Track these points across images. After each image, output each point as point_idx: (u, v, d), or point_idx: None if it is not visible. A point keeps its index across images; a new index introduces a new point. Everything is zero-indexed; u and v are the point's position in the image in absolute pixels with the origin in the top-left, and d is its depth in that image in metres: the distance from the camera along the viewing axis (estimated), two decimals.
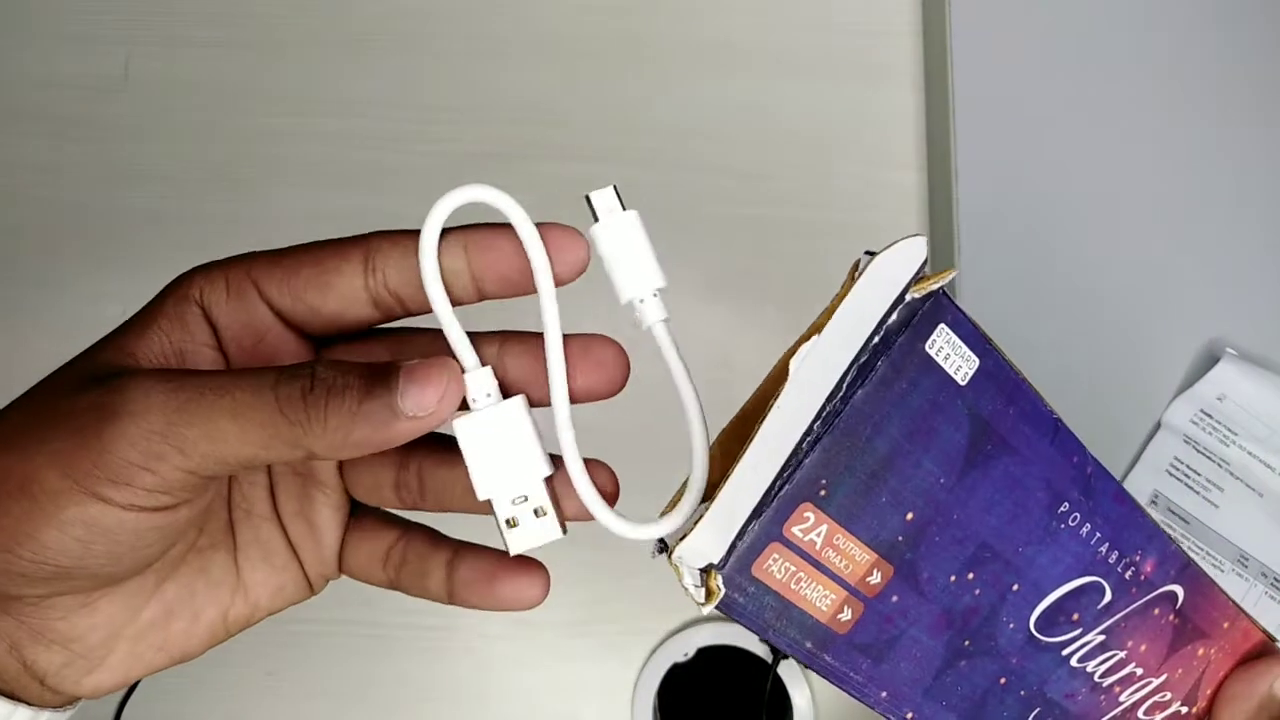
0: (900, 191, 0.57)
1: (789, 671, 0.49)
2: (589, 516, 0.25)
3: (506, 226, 0.24)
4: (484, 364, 0.25)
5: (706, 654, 0.50)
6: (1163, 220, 0.56)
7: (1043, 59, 0.58)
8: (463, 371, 0.24)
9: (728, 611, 0.24)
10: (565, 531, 0.25)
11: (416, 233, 0.24)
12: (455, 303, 0.24)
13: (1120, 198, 0.57)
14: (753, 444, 0.22)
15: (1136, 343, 0.55)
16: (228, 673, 0.50)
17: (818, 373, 0.23)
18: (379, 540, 0.28)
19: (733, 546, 0.23)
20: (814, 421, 0.23)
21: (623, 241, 0.24)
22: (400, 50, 0.57)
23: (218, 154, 0.55)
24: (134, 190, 0.55)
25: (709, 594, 0.23)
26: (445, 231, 0.24)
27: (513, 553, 0.25)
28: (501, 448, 0.24)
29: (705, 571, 0.23)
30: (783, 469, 0.23)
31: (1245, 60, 0.58)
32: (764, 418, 0.22)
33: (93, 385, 0.23)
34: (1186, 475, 0.53)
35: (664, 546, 0.24)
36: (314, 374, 0.22)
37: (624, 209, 0.24)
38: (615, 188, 0.24)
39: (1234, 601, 0.32)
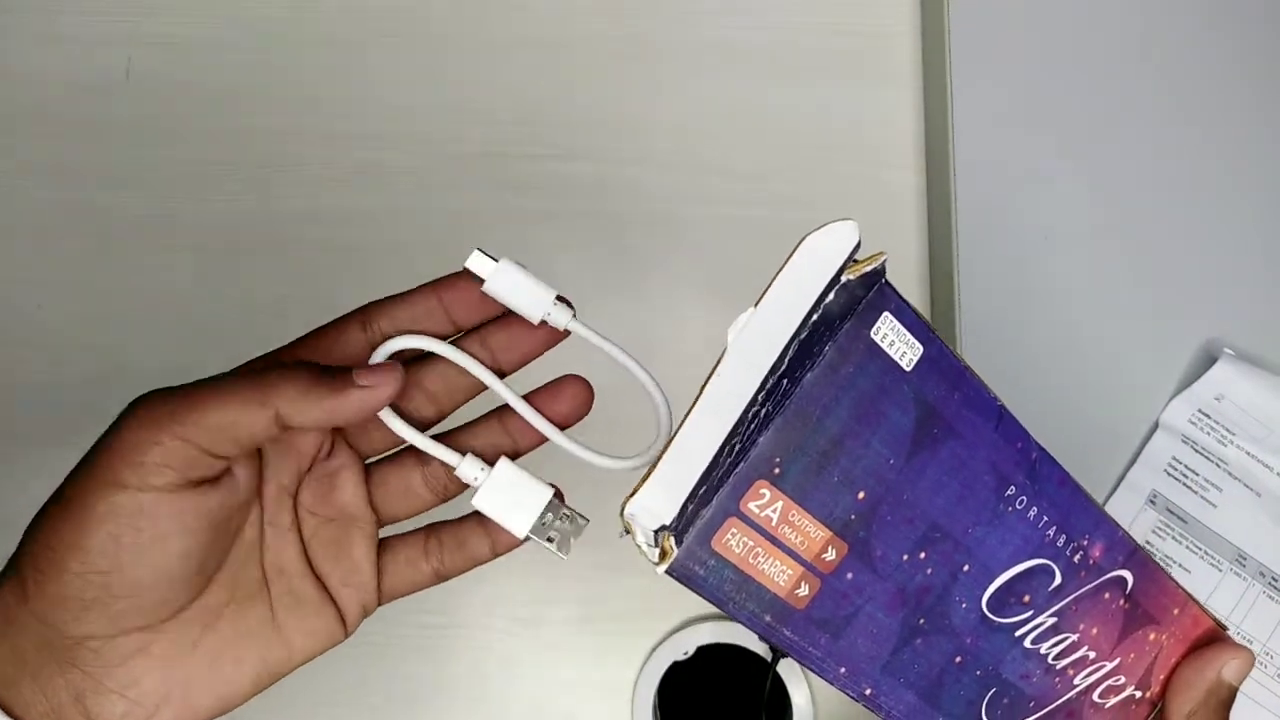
0: (899, 191, 0.57)
1: (788, 670, 0.50)
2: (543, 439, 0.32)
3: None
4: (464, 453, 0.31)
5: (706, 653, 0.50)
6: (1161, 220, 0.56)
7: (1042, 59, 0.58)
8: (451, 466, 0.31)
9: (688, 584, 0.25)
10: (587, 520, 0.32)
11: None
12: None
13: (1119, 197, 0.57)
14: (695, 407, 0.24)
15: (1134, 342, 0.55)
16: None
17: (757, 344, 0.24)
18: (411, 546, 0.33)
19: (684, 508, 0.24)
20: (758, 392, 0.24)
21: (510, 284, 0.30)
22: (400, 50, 0.57)
23: (218, 154, 0.55)
24: (134, 190, 0.55)
25: (663, 554, 0.24)
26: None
27: (564, 558, 0.32)
28: (512, 497, 0.31)
29: (659, 533, 0.24)
30: (730, 435, 0.24)
31: (1246, 58, 0.58)
32: (705, 383, 0.24)
33: None
34: (1184, 475, 0.53)
35: (628, 530, 0.25)
36: (278, 363, 0.29)
37: (496, 260, 0.30)
38: (479, 249, 0.30)
39: (1183, 589, 0.33)
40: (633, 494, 0.23)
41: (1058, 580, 0.30)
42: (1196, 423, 0.54)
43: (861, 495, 0.26)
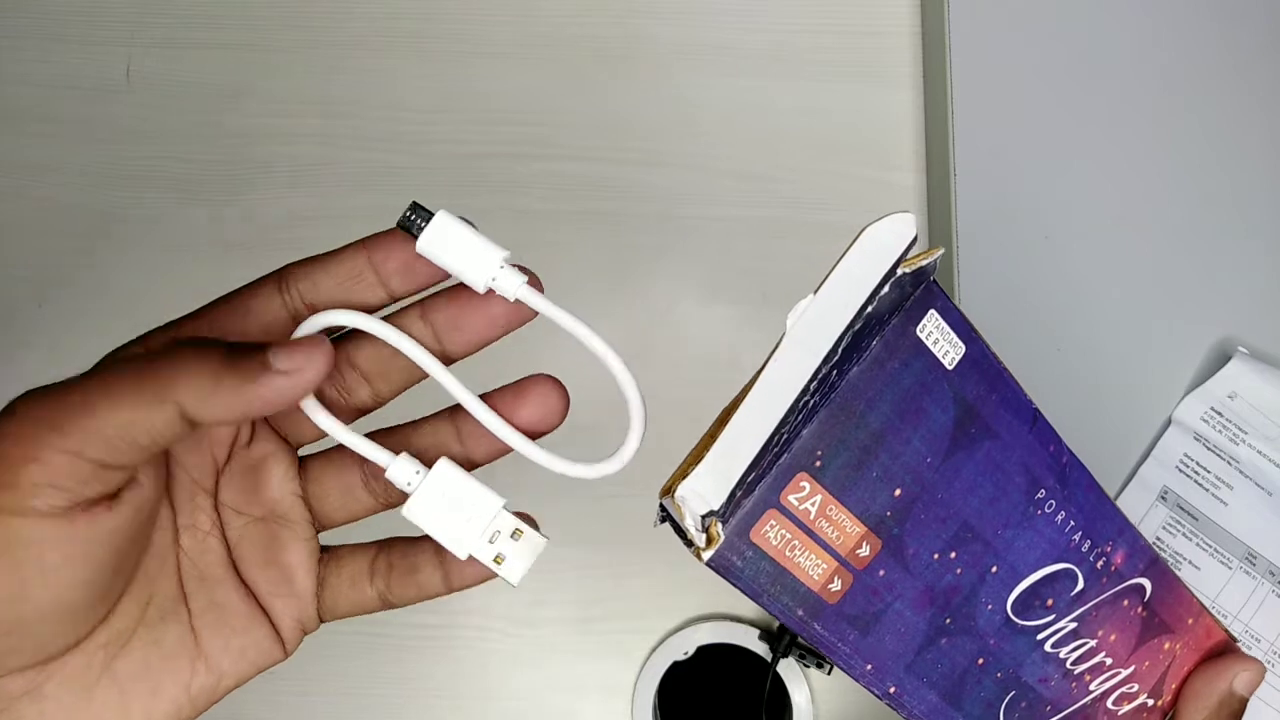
0: (899, 192, 0.57)
1: (788, 670, 0.49)
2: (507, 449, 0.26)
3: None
4: (397, 453, 0.26)
5: (706, 652, 0.50)
6: (1171, 218, 0.56)
7: (1042, 59, 0.58)
8: (382, 470, 0.26)
9: (725, 575, 0.25)
10: (547, 537, 0.26)
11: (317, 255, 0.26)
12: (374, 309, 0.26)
13: (1126, 196, 0.57)
14: (753, 391, 0.23)
15: (1147, 340, 0.55)
16: None
17: (815, 331, 0.24)
18: (358, 560, 0.28)
19: (732, 494, 0.23)
20: (810, 380, 0.24)
21: (449, 241, 0.25)
22: (400, 51, 0.57)
23: (218, 154, 0.55)
24: (134, 191, 0.55)
25: (710, 540, 0.24)
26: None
27: (515, 584, 0.26)
28: (453, 506, 0.26)
29: (706, 518, 0.24)
30: (782, 422, 0.23)
31: (1254, 53, 0.58)
32: (764, 367, 0.23)
33: None
34: (1196, 472, 0.53)
35: (665, 515, 0.25)
36: (177, 344, 0.22)
37: (431, 214, 0.25)
38: (414, 202, 0.25)
39: (1198, 599, 0.33)
40: (682, 476, 0.23)
41: (1080, 585, 0.30)
42: (1209, 420, 0.53)
43: (898, 492, 0.26)
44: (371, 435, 0.27)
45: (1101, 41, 0.58)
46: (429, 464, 0.26)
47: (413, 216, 0.25)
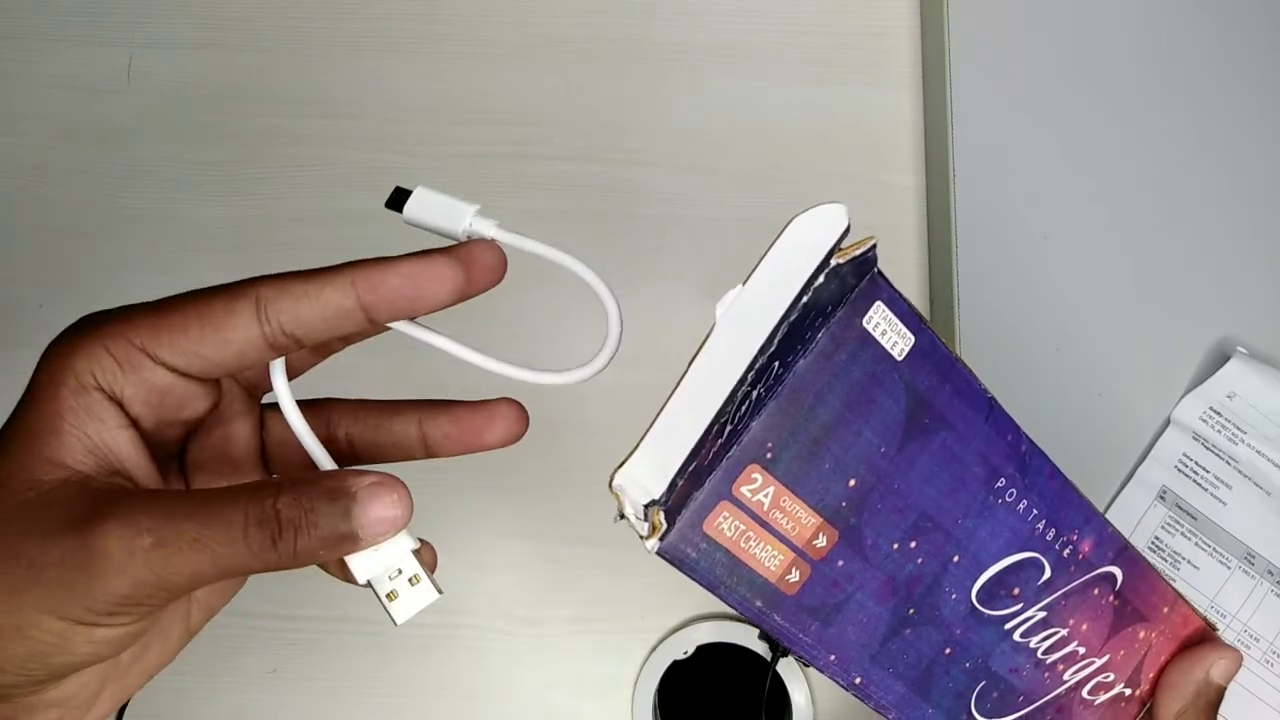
0: (898, 192, 0.57)
1: (788, 669, 0.49)
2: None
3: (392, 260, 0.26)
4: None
5: (706, 652, 0.50)
6: (1169, 218, 0.56)
7: (1041, 59, 0.58)
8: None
9: (680, 566, 0.25)
10: (441, 592, 0.27)
11: (298, 274, 0.25)
12: (349, 340, 0.28)
13: (1126, 196, 0.57)
14: (683, 381, 0.24)
15: (1145, 340, 0.55)
16: (231, 671, 0.50)
17: (746, 321, 0.24)
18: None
19: (673, 484, 0.24)
20: (747, 370, 0.24)
21: (430, 206, 0.27)
22: (400, 52, 0.57)
23: (219, 155, 0.55)
24: (135, 191, 0.55)
25: (653, 528, 0.24)
26: (333, 269, 0.26)
27: (398, 623, 0.27)
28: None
29: (649, 508, 0.24)
30: (720, 412, 0.24)
31: (1254, 54, 0.58)
32: (694, 357, 0.24)
33: (62, 529, 0.23)
34: (1195, 472, 0.53)
35: (618, 502, 0.25)
36: (279, 517, 0.23)
37: (410, 191, 0.27)
38: (397, 186, 0.27)
39: (1172, 587, 0.33)
40: (621, 465, 0.23)
41: (1047, 574, 0.30)
42: (1208, 420, 0.54)
43: (853, 483, 0.26)
44: (338, 404, 0.29)
45: (1101, 41, 0.58)
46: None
47: (398, 195, 0.27)
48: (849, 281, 0.25)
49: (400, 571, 0.27)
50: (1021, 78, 0.58)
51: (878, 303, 0.26)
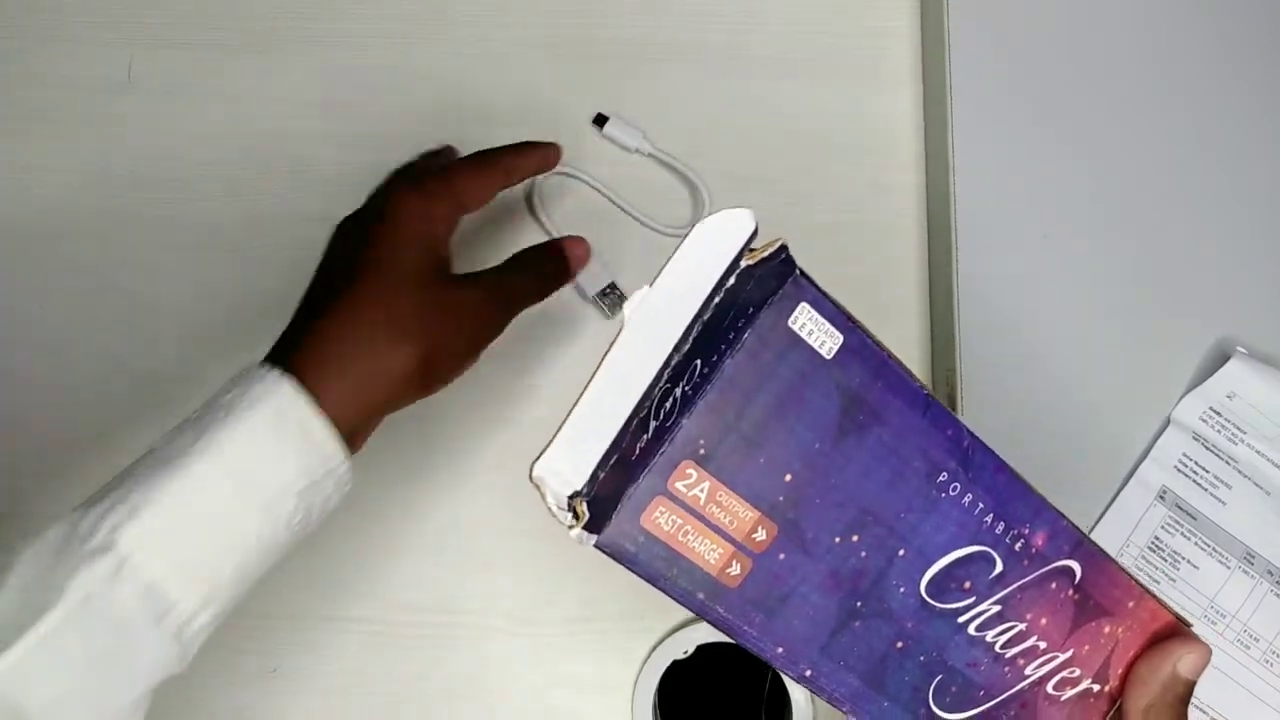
0: (899, 192, 0.57)
1: None
2: None
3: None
4: None
5: (706, 651, 0.50)
6: (1169, 218, 0.57)
7: (1041, 59, 0.58)
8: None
9: (620, 560, 0.26)
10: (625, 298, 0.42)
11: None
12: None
13: (1125, 195, 0.57)
14: (595, 375, 0.25)
15: (1146, 340, 0.55)
16: (232, 669, 0.50)
17: (657, 320, 0.25)
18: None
19: (594, 476, 0.24)
20: (662, 367, 0.25)
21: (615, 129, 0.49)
22: (400, 52, 0.57)
23: (219, 155, 0.55)
24: (135, 191, 0.55)
25: (576, 517, 0.25)
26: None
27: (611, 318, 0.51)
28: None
29: (573, 499, 0.25)
30: (637, 407, 0.25)
31: (1254, 53, 0.58)
32: (605, 354, 0.25)
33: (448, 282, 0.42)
34: (1195, 472, 0.53)
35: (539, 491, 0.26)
36: (510, 289, 0.44)
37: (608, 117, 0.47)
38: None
39: (1137, 582, 0.33)
40: (538, 457, 0.24)
41: (999, 568, 0.30)
42: (1208, 420, 0.54)
43: (788, 478, 0.27)
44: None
45: (1101, 41, 0.59)
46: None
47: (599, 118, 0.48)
48: (770, 284, 0.26)
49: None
50: (1021, 78, 0.58)
51: (802, 304, 0.26)
